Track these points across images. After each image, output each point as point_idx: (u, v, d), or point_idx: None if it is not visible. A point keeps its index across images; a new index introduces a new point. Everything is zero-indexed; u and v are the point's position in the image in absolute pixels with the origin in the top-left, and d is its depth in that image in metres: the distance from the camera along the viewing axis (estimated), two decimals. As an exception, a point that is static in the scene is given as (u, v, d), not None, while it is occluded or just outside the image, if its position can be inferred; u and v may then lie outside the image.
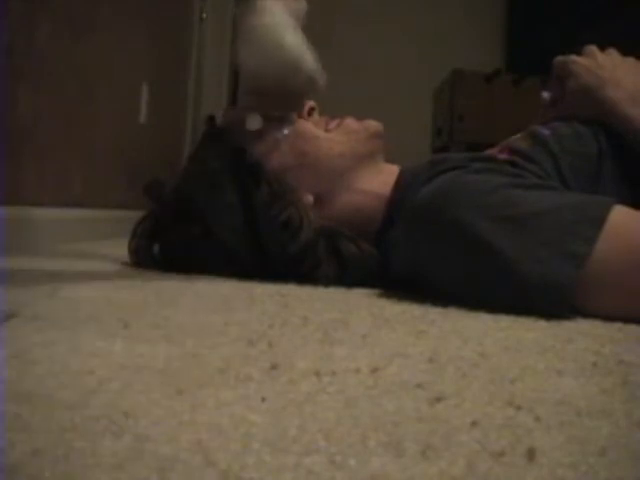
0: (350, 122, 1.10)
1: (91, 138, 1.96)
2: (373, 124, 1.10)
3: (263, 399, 0.43)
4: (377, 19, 4.26)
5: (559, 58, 1.11)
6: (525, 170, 0.95)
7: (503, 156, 1.00)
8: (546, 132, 1.03)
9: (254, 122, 1.06)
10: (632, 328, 0.74)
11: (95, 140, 1.99)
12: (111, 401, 0.42)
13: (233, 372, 0.49)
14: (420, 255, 0.88)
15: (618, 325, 0.75)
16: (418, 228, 0.88)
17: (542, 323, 0.75)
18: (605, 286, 0.79)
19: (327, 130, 1.10)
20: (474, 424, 0.40)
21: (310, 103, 1.11)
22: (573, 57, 1.09)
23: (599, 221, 0.79)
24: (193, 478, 0.32)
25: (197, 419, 0.39)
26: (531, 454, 0.36)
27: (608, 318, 0.78)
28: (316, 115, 1.12)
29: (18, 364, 0.49)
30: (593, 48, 1.10)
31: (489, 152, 1.06)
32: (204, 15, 3.29)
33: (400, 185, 1.04)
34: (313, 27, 1.61)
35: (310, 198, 1.04)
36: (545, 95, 1.14)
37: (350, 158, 1.07)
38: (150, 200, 1.11)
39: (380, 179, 1.07)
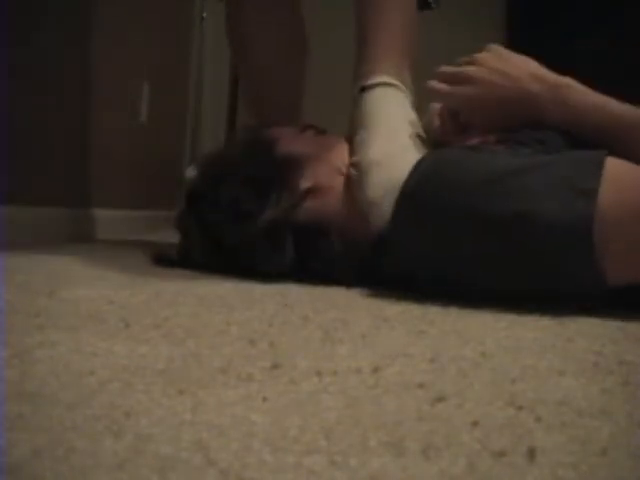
0: None
1: (91, 138, 1.96)
2: None
3: (264, 399, 0.44)
4: (377, 19, 4.26)
5: (444, 71, 1.02)
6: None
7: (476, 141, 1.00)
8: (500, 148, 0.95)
9: None
10: (632, 328, 0.74)
11: (95, 140, 1.99)
12: (112, 401, 0.42)
13: (234, 372, 0.50)
14: (424, 248, 0.87)
15: (618, 325, 0.75)
16: (415, 223, 0.87)
17: (543, 323, 0.75)
18: (620, 226, 0.78)
19: None
20: (475, 424, 0.40)
21: None
22: (464, 67, 1.01)
23: (599, 161, 0.80)
24: (194, 478, 0.32)
25: (198, 419, 0.39)
26: (532, 454, 0.36)
27: (609, 315, 0.78)
28: None
29: (19, 364, 0.49)
30: (473, 57, 1.01)
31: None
32: (204, 15, 3.29)
33: None
34: (313, 27, 1.61)
35: (306, 184, 1.03)
36: (436, 106, 1.08)
37: None
38: None
39: None
